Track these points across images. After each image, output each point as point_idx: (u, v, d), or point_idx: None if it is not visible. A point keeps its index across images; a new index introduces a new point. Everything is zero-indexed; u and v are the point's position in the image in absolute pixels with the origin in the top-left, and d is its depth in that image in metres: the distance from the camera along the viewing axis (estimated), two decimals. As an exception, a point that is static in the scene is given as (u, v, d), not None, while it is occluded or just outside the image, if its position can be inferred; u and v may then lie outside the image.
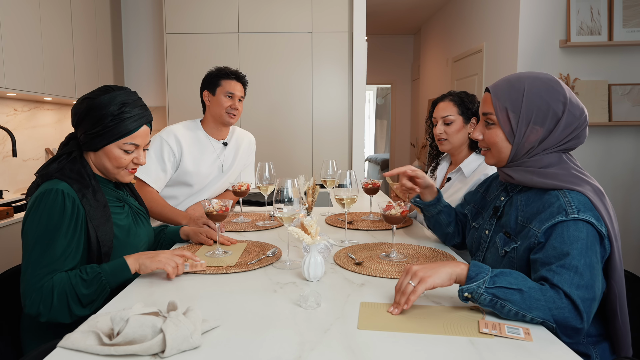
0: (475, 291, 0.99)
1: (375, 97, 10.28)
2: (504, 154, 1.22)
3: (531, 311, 0.98)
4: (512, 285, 0.99)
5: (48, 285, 1.16)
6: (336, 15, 3.63)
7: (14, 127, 2.93)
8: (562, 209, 1.09)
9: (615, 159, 3.41)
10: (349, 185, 1.66)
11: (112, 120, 1.29)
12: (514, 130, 1.18)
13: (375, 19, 6.18)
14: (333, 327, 0.95)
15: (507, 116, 1.18)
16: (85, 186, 1.28)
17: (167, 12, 3.62)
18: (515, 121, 1.17)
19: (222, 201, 1.46)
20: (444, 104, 1.89)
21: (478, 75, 4.21)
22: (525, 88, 1.17)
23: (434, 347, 0.88)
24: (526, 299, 0.98)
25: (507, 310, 0.98)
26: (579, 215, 1.07)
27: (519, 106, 1.17)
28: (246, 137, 2.35)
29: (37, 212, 1.20)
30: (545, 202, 1.14)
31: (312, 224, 1.24)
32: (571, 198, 1.10)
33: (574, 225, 1.06)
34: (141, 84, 4.15)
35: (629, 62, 3.32)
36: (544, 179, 1.16)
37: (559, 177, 1.15)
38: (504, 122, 1.19)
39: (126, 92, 1.34)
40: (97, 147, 1.32)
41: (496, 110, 1.20)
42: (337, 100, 3.72)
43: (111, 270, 1.21)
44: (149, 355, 0.84)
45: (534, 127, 1.16)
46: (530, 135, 1.17)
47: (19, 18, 2.63)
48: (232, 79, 2.10)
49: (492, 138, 1.22)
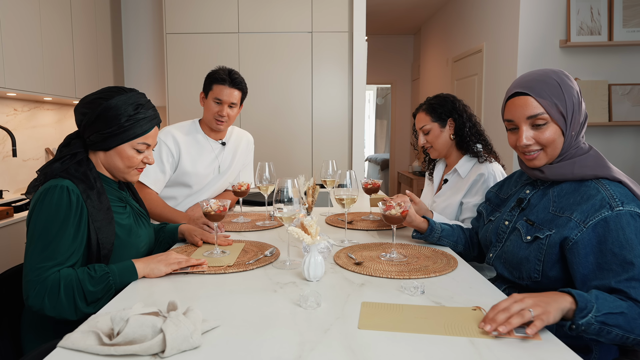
0: (589, 323, 0.94)
1: (375, 97, 10.28)
2: (559, 148, 1.21)
3: (634, 332, 0.96)
4: (615, 310, 0.96)
5: (54, 278, 1.15)
6: (336, 15, 3.63)
7: (14, 127, 2.93)
8: (606, 202, 1.09)
9: (615, 159, 3.41)
10: (349, 185, 1.66)
11: (127, 121, 1.31)
12: (568, 121, 1.19)
13: (375, 19, 6.19)
14: (333, 327, 0.95)
15: (559, 111, 1.18)
16: (90, 187, 1.28)
17: (167, 12, 3.62)
18: (566, 113, 1.18)
19: (220, 201, 1.46)
20: (419, 116, 1.95)
21: (478, 75, 4.21)
22: (558, 81, 1.19)
23: (434, 347, 0.88)
24: (629, 321, 0.96)
25: (614, 335, 0.95)
26: (624, 207, 1.07)
27: (562, 98, 1.18)
28: (244, 136, 2.33)
29: (42, 206, 1.21)
30: (583, 193, 1.15)
31: (312, 224, 1.24)
32: (612, 190, 1.11)
33: (625, 221, 1.06)
34: (141, 84, 4.15)
35: (629, 62, 3.32)
36: (582, 168, 1.18)
37: (597, 164, 1.17)
38: (558, 118, 1.19)
39: (139, 94, 1.37)
40: (110, 146, 1.33)
41: (547, 108, 1.18)
42: (337, 100, 3.72)
43: (119, 272, 1.22)
44: (149, 355, 0.84)
45: (577, 115, 1.19)
46: (575, 123, 1.20)
47: (19, 18, 2.63)
48: (225, 84, 2.01)
49: (549, 137, 1.20)
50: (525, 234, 1.22)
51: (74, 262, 1.21)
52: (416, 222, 1.54)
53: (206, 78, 2.09)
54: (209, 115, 2.06)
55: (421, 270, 1.30)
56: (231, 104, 2.05)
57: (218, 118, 2.05)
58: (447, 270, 1.31)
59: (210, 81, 2.05)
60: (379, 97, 10.23)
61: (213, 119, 2.06)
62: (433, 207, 1.94)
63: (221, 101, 2.02)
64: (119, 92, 1.33)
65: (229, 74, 2.04)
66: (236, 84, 2.04)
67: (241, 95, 2.08)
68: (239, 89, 2.06)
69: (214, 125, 2.07)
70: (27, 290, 1.16)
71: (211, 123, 2.07)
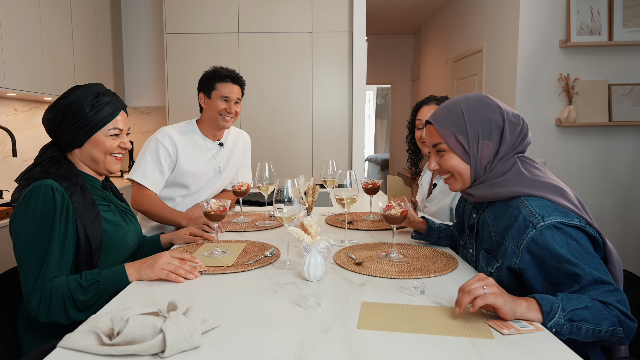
0: (558, 324, 0.96)
1: (375, 97, 10.29)
2: (466, 175, 1.25)
3: (602, 324, 0.97)
4: (578, 305, 0.98)
5: (47, 288, 1.17)
6: (336, 15, 3.63)
7: (14, 127, 2.93)
8: (528, 221, 1.10)
9: (615, 159, 3.41)
10: (349, 185, 1.66)
11: (91, 110, 1.33)
12: (467, 150, 1.22)
13: (375, 19, 6.18)
14: (333, 327, 0.95)
15: (456, 139, 1.23)
16: (74, 185, 1.29)
17: (167, 12, 3.62)
18: (465, 141, 1.22)
19: (220, 201, 1.46)
20: (429, 107, 1.92)
21: (478, 75, 4.21)
22: (463, 109, 1.23)
23: (434, 347, 0.88)
24: (594, 314, 0.98)
25: (585, 330, 0.97)
26: (545, 221, 1.08)
27: (463, 127, 1.22)
28: (241, 136, 2.33)
29: (28, 208, 1.21)
30: (509, 215, 1.17)
31: (312, 224, 1.24)
32: (531, 206, 1.12)
33: (550, 235, 1.07)
34: (141, 84, 4.15)
35: (629, 62, 3.31)
36: (501, 188, 1.19)
37: (514, 182, 1.18)
38: (454, 146, 1.23)
39: (97, 84, 1.39)
40: (83, 140, 1.34)
41: (444, 138, 1.24)
42: (337, 100, 3.72)
43: (110, 278, 1.22)
44: (149, 355, 0.84)
45: (484, 142, 1.21)
46: (484, 150, 1.22)
47: (19, 18, 2.63)
48: (228, 81, 2.05)
49: (447, 162, 1.26)
50: (486, 266, 1.25)
51: (67, 265, 1.22)
52: (415, 222, 1.55)
53: (205, 79, 2.08)
54: (214, 113, 2.06)
55: (421, 270, 1.30)
56: (237, 100, 2.09)
57: (225, 115, 2.06)
58: (447, 270, 1.31)
59: (212, 81, 2.06)
60: (379, 97, 10.23)
61: (220, 117, 2.06)
62: (425, 211, 1.94)
63: (229, 98, 2.05)
64: (76, 88, 1.35)
65: (230, 72, 2.08)
66: (238, 81, 2.10)
67: (242, 93, 2.13)
68: (240, 85, 2.11)
69: (221, 123, 2.07)
70: (26, 297, 1.19)
71: (218, 121, 2.07)
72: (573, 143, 3.39)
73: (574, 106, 3.25)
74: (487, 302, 0.96)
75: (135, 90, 4.18)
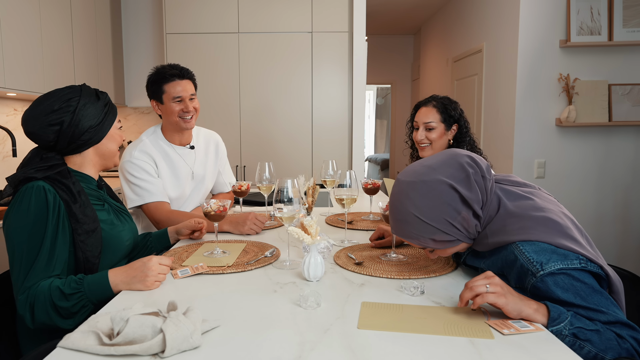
0: (560, 333, 0.96)
1: (375, 97, 10.29)
2: (462, 246, 1.19)
3: (607, 352, 0.96)
4: (589, 327, 0.97)
5: (33, 293, 1.15)
6: (336, 16, 3.63)
7: (14, 127, 2.93)
8: (526, 269, 1.06)
9: (615, 159, 3.41)
10: (349, 185, 1.66)
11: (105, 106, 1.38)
12: (451, 238, 1.15)
13: (375, 19, 6.19)
14: (333, 327, 0.95)
15: (435, 240, 1.15)
16: (65, 185, 1.27)
17: (167, 12, 3.62)
18: (443, 236, 1.14)
19: (220, 201, 1.46)
20: (427, 109, 1.89)
21: (478, 75, 4.21)
22: (415, 214, 1.13)
23: (434, 347, 0.88)
24: (604, 341, 0.97)
25: (587, 352, 0.96)
26: (544, 269, 1.03)
27: (430, 228, 1.13)
28: (212, 138, 2.18)
29: (21, 208, 1.20)
30: (504, 258, 1.12)
31: (312, 224, 1.24)
32: (527, 252, 1.07)
33: (552, 283, 1.03)
34: (141, 84, 4.14)
35: (629, 62, 3.31)
36: (493, 238, 1.14)
37: (504, 230, 1.12)
38: (440, 244, 1.16)
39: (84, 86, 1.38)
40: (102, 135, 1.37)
41: (425, 245, 1.16)
42: (337, 100, 3.72)
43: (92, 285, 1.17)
44: (149, 355, 0.84)
45: (458, 219, 1.12)
46: (464, 223, 1.13)
47: (19, 18, 2.63)
48: (175, 79, 1.89)
49: (447, 252, 1.20)
50: None
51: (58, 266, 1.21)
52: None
53: (151, 84, 1.94)
54: (172, 117, 1.91)
55: (421, 270, 1.30)
56: (191, 96, 1.94)
57: (184, 116, 1.92)
58: (447, 270, 1.31)
59: (158, 85, 1.91)
60: (379, 97, 10.24)
61: (180, 120, 1.92)
62: None
63: (182, 97, 1.90)
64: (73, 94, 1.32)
65: (174, 68, 1.92)
66: (186, 74, 1.94)
67: (194, 86, 1.97)
68: (190, 78, 1.95)
69: (183, 125, 1.93)
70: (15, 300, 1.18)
71: (179, 124, 1.93)
72: (573, 143, 3.39)
73: (574, 106, 3.25)
74: (487, 302, 0.96)
75: (135, 90, 4.17)
